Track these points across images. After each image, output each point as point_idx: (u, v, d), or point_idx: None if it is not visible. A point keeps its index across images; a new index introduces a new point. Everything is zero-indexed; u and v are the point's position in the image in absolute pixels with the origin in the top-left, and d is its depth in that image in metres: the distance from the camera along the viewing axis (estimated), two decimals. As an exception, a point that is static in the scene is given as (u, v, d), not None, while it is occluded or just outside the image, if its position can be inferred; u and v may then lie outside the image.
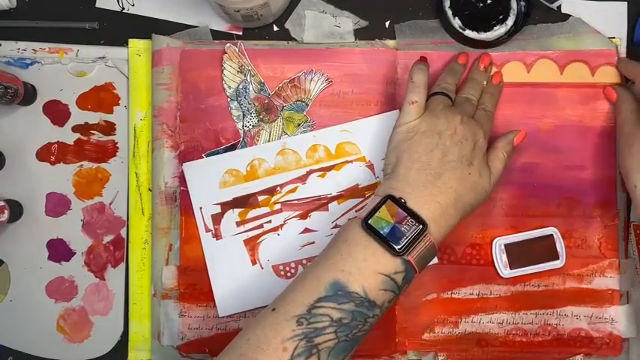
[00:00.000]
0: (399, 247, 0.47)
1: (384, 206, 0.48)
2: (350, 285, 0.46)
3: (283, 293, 0.48)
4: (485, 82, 0.58)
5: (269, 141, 0.60)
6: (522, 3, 0.59)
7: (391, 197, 0.49)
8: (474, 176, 0.51)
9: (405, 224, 0.47)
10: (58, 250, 0.62)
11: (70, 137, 0.62)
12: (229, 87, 0.60)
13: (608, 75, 0.59)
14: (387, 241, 0.47)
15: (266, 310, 0.48)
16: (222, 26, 0.62)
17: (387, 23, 0.61)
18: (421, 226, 0.47)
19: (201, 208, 0.59)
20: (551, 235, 0.58)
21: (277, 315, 0.46)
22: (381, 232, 0.47)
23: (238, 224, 0.59)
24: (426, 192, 0.49)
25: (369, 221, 0.48)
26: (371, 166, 0.59)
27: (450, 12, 0.59)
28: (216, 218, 0.59)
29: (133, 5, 0.62)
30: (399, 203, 0.48)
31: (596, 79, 0.59)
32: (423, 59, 0.56)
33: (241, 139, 0.60)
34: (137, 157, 0.61)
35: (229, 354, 0.47)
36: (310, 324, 0.45)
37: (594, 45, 0.60)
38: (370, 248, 0.47)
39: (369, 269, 0.47)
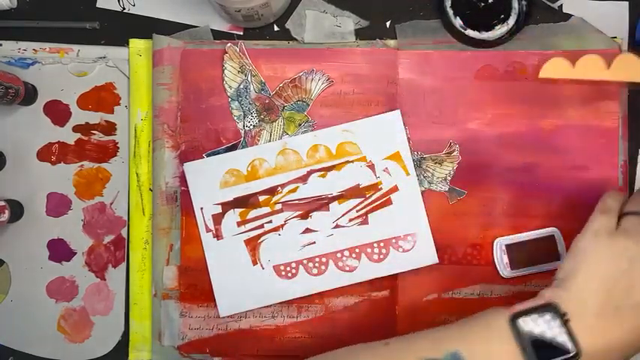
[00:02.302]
0: None
1: (542, 314, 0.43)
2: None
3: (405, 335, 0.47)
4: None
5: (270, 141, 0.60)
6: (523, 2, 0.58)
7: (554, 307, 0.43)
8: None
9: (556, 343, 0.43)
10: (59, 250, 0.62)
11: (70, 137, 0.62)
12: (230, 87, 0.60)
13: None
14: (528, 351, 0.42)
15: (378, 342, 0.47)
16: (222, 26, 0.62)
17: (388, 23, 0.61)
18: (573, 354, 0.42)
19: (201, 208, 0.59)
20: (553, 235, 0.58)
21: (389, 350, 0.46)
22: (526, 340, 0.43)
23: (239, 224, 0.59)
24: (594, 320, 0.43)
25: (520, 320, 0.43)
26: (372, 166, 0.59)
27: (451, 12, 0.59)
28: (217, 218, 0.59)
29: (134, 5, 0.62)
30: (561, 318, 0.43)
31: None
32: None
33: (242, 139, 0.60)
34: (138, 157, 0.61)
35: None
36: None
37: (597, 45, 0.59)
38: (507, 346, 0.43)
39: None
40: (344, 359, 0.47)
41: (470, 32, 0.59)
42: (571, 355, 0.42)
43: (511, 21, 0.59)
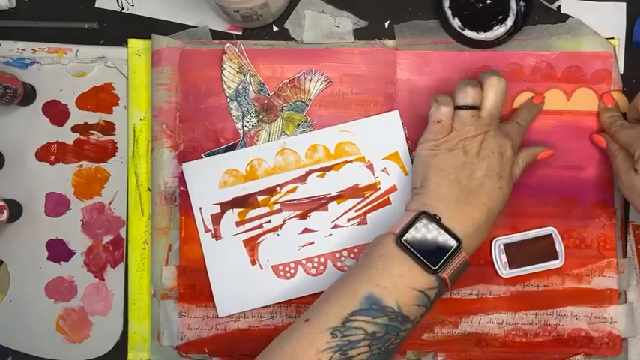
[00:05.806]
0: (435, 265, 0.48)
1: (418, 224, 0.49)
2: (385, 299, 0.47)
3: (316, 304, 0.49)
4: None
5: (268, 141, 0.60)
6: (522, 3, 0.59)
7: (425, 214, 0.49)
8: (503, 189, 0.51)
9: (440, 243, 0.48)
10: (58, 250, 0.62)
11: (69, 137, 0.62)
12: (229, 87, 0.60)
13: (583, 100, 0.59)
14: (422, 259, 0.48)
15: (298, 320, 0.49)
16: (221, 26, 0.62)
17: (387, 23, 0.61)
18: (456, 244, 0.48)
19: (200, 208, 0.59)
20: (550, 234, 0.58)
21: (311, 326, 0.47)
22: (417, 251, 0.48)
23: (238, 224, 0.59)
24: (458, 209, 0.50)
25: (404, 238, 0.49)
26: (370, 166, 0.59)
27: (449, 12, 0.59)
28: (216, 218, 0.59)
29: (133, 5, 0.62)
30: (434, 220, 0.49)
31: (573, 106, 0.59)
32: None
33: (241, 139, 0.60)
34: (137, 157, 0.61)
35: None
36: (345, 336, 0.46)
37: (592, 47, 0.60)
38: (406, 265, 0.48)
39: (403, 284, 0.47)
40: (275, 352, 0.47)
41: (468, 33, 0.59)
42: (455, 245, 0.48)
43: (509, 22, 0.59)
